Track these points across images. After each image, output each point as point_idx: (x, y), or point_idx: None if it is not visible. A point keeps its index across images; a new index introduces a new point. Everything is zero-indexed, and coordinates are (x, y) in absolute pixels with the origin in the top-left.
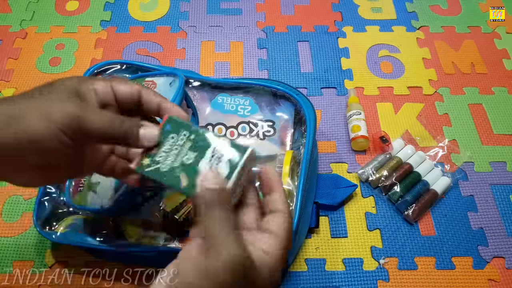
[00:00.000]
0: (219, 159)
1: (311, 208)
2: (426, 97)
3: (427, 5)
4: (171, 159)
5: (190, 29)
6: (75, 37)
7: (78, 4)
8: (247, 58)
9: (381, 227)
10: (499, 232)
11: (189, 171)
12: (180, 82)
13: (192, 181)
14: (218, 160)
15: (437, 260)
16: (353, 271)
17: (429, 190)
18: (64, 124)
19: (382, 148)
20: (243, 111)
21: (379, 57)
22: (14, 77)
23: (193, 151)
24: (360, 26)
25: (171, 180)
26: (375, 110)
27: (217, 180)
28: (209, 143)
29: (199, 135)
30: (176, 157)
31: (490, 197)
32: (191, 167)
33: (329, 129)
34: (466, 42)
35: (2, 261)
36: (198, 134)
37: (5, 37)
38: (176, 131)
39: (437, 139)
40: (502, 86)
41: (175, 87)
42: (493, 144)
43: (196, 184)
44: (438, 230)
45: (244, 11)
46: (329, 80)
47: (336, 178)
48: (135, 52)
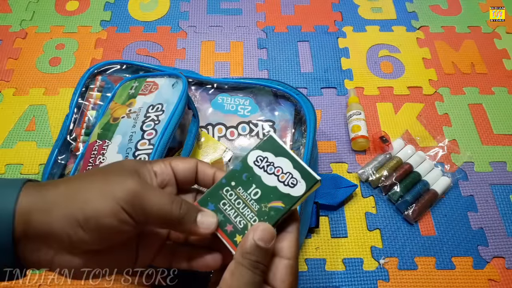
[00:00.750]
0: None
1: (311, 208)
2: (426, 97)
3: (427, 5)
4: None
5: (190, 29)
6: (75, 37)
7: (78, 4)
8: (247, 58)
9: (381, 227)
10: (499, 232)
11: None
12: (184, 85)
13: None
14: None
15: (437, 260)
16: (353, 271)
17: (429, 190)
18: (124, 200)
19: (382, 148)
20: (243, 111)
21: (379, 57)
22: (14, 77)
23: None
24: (360, 26)
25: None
26: (375, 110)
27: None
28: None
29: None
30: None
31: (490, 197)
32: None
33: (329, 129)
34: (466, 42)
35: None
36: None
37: (5, 37)
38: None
39: (437, 139)
40: (502, 86)
41: (178, 89)
42: (493, 144)
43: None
44: (438, 230)
45: (244, 11)
46: (329, 80)
47: (336, 178)
48: (135, 52)
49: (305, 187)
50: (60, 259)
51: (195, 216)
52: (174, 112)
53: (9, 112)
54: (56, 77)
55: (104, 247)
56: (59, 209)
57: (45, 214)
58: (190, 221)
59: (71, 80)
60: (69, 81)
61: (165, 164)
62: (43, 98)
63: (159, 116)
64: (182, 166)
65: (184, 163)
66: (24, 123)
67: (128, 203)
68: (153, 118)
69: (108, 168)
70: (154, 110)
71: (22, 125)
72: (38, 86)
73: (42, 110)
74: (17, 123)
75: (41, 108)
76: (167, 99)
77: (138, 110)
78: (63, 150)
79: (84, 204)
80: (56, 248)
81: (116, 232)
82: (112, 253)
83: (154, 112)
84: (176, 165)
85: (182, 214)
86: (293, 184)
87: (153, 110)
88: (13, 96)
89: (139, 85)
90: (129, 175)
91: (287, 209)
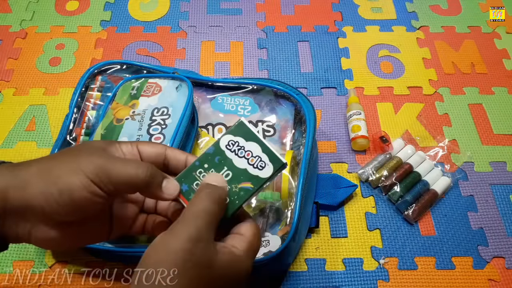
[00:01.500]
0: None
1: (311, 208)
2: (426, 97)
3: (427, 5)
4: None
5: (190, 29)
6: (75, 37)
7: (78, 4)
8: (247, 58)
9: (381, 227)
10: (499, 232)
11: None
12: (190, 91)
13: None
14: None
15: (437, 260)
16: (353, 271)
17: (429, 190)
18: (93, 173)
19: (382, 148)
20: (243, 111)
21: (379, 57)
22: (14, 77)
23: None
24: (360, 26)
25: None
26: (375, 110)
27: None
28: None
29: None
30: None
31: (490, 197)
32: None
33: (329, 129)
34: (466, 42)
35: (2, 261)
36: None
37: (5, 37)
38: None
39: (437, 139)
40: (502, 86)
41: (183, 93)
42: (493, 144)
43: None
44: (438, 230)
45: (244, 11)
46: (329, 80)
47: (336, 178)
48: (135, 52)
49: (272, 169)
50: (36, 232)
51: (161, 180)
52: (182, 119)
53: (9, 112)
54: (56, 77)
55: (78, 219)
56: (34, 185)
57: (20, 190)
58: (156, 185)
59: (71, 80)
60: (69, 81)
61: (132, 146)
62: (43, 98)
63: (165, 120)
64: (149, 150)
65: (152, 147)
66: (24, 123)
67: (96, 175)
68: (159, 122)
69: (77, 147)
70: (159, 114)
71: (22, 125)
72: (38, 86)
73: (42, 110)
74: (17, 123)
75: (41, 108)
76: (172, 103)
77: (143, 113)
78: None
79: (57, 179)
80: (32, 221)
81: (89, 204)
82: (86, 224)
83: (160, 116)
84: (143, 148)
85: (148, 176)
86: (262, 166)
87: (159, 114)
88: (13, 96)
89: (141, 86)
90: (96, 152)
91: (255, 190)
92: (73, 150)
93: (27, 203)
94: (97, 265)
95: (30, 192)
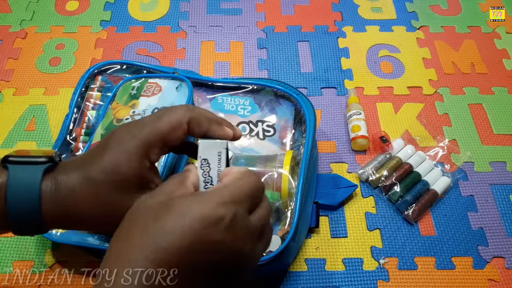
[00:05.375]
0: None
1: (311, 208)
2: (426, 97)
3: (427, 5)
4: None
5: (190, 29)
6: (75, 37)
7: (78, 4)
8: (247, 58)
9: (381, 227)
10: (499, 232)
11: None
12: (190, 91)
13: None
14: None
15: (437, 260)
16: (353, 271)
17: (429, 190)
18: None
19: (382, 148)
20: (243, 111)
21: (379, 57)
22: (14, 77)
23: None
24: (360, 26)
25: None
26: (375, 110)
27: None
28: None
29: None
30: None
31: (490, 197)
32: None
33: (329, 129)
34: (466, 42)
35: (2, 261)
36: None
37: (5, 37)
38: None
39: (437, 139)
40: (502, 86)
41: (183, 93)
42: (493, 144)
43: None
44: (438, 230)
45: (244, 11)
46: (329, 80)
47: (336, 178)
48: (135, 52)
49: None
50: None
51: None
52: None
53: (9, 112)
54: (56, 77)
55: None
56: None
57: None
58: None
59: (71, 80)
60: (69, 81)
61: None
62: (43, 98)
63: None
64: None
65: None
66: (24, 123)
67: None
68: None
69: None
70: None
71: (22, 125)
72: (38, 86)
73: (42, 110)
74: (17, 123)
75: (41, 108)
76: (173, 103)
77: (143, 113)
78: (63, 150)
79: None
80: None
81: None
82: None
83: None
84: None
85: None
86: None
87: None
88: (13, 96)
89: (141, 86)
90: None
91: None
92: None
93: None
94: (97, 265)
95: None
